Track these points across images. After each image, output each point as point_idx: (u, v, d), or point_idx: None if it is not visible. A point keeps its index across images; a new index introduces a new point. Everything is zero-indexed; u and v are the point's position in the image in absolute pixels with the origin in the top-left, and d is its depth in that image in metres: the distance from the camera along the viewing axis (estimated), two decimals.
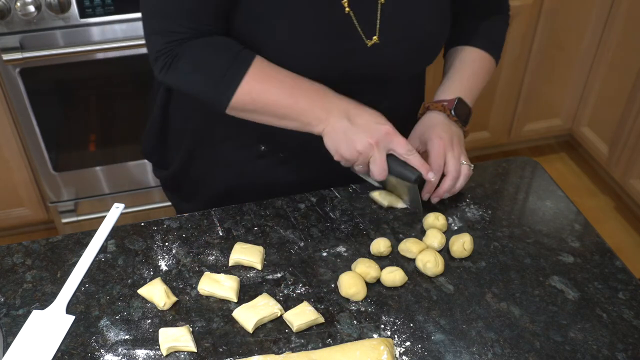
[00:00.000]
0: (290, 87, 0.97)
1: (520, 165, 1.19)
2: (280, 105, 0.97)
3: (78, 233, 1.03)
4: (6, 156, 2.03)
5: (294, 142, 1.07)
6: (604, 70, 2.44)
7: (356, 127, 0.95)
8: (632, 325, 0.88)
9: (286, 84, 0.97)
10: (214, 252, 0.99)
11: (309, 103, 0.97)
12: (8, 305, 0.91)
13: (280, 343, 0.85)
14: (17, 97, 1.87)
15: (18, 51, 1.73)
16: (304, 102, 0.97)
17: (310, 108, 0.97)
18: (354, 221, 1.04)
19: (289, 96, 0.96)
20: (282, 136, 1.03)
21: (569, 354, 0.84)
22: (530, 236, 1.02)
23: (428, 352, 0.84)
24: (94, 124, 2.07)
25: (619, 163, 2.40)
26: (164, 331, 0.85)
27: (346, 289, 0.91)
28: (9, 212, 2.19)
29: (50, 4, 1.70)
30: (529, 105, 2.54)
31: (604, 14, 2.34)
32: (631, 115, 2.29)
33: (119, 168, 2.12)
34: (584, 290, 0.93)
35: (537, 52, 2.38)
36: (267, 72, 0.97)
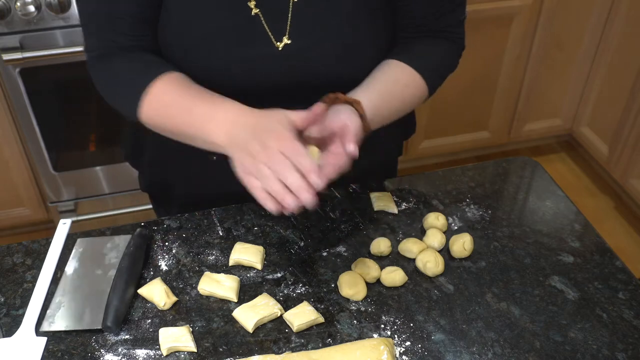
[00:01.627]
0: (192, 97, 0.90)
1: (520, 165, 1.19)
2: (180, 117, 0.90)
3: (78, 233, 1.03)
4: (6, 156, 2.03)
5: None
6: (604, 70, 2.44)
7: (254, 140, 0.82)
8: (632, 325, 0.88)
9: (189, 94, 0.90)
10: (214, 252, 0.99)
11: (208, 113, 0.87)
12: (8, 305, 0.91)
13: (280, 343, 0.85)
14: (17, 97, 1.87)
15: (18, 51, 1.74)
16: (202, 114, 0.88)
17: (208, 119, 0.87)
18: (354, 221, 1.04)
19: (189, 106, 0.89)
20: None
21: (569, 354, 0.84)
22: (530, 236, 1.02)
23: (428, 352, 0.84)
24: (94, 124, 2.07)
25: (619, 163, 2.40)
26: (164, 331, 0.85)
27: (346, 289, 0.91)
28: (9, 212, 2.19)
29: (50, 4, 1.70)
30: (529, 105, 2.54)
31: (604, 14, 2.34)
32: (631, 115, 2.29)
33: (119, 168, 2.12)
34: (584, 290, 0.93)
35: (537, 52, 2.38)
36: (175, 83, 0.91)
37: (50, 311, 0.90)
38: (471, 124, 2.53)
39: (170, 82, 0.92)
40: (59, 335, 0.87)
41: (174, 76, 0.93)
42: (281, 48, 0.94)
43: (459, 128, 2.50)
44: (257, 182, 0.80)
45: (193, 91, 0.91)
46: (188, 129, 0.90)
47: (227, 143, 0.85)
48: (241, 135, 0.83)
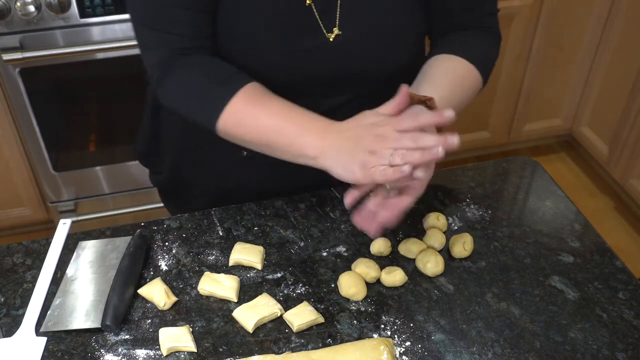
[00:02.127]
0: (280, 110, 0.90)
1: (520, 165, 1.19)
2: (267, 129, 0.90)
3: (78, 233, 1.03)
4: (6, 156, 2.03)
5: None
6: (604, 70, 2.44)
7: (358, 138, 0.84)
8: (632, 325, 0.88)
9: (275, 107, 0.91)
10: (214, 252, 0.99)
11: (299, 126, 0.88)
12: (8, 305, 0.91)
13: (280, 343, 0.85)
14: (17, 97, 1.87)
15: (18, 51, 1.74)
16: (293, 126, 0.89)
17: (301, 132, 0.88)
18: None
19: (278, 119, 0.90)
20: None
21: (569, 354, 0.84)
22: (530, 236, 1.02)
23: (428, 352, 0.84)
24: (94, 124, 2.07)
25: (619, 163, 2.40)
26: (164, 331, 0.85)
27: (346, 289, 0.91)
28: (9, 212, 2.19)
29: (50, 4, 1.70)
30: (529, 105, 2.54)
31: (604, 14, 2.34)
32: (631, 115, 2.29)
33: (119, 168, 2.12)
34: (584, 290, 0.93)
35: (537, 52, 2.38)
36: (258, 95, 0.91)
37: (50, 311, 0.90)
38: (471, 124, 2.53)
39: (250, 95, 0.91)
40: (59, 335, 0.87)
41: (254, 88, 0.92)
42: (332, 39, 0.95)
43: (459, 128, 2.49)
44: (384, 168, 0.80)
45: (277, 103, 0.91)
46: (276, 141, 0.90)
47: (324, 153, 0.86)
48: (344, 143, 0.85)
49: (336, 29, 0.95)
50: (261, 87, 0.93)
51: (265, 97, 0.92)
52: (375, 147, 0.82)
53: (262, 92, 0.93)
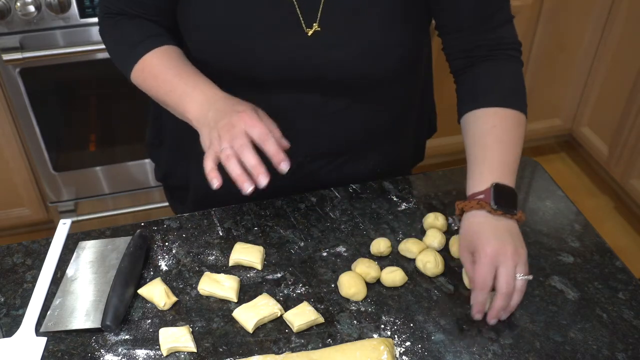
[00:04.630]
0: (177, 72, 0.96)
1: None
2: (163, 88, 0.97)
3: (78, 233, 1.03)
4: (6, 156, 2.03)
5: None
6: (604, 70, 2.44)
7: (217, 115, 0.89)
8: (632, 325, 0.88)
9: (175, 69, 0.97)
10: (214, 252, 0.99)
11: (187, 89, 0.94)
12: (8, 305, 0.91)
13: (280, 343, 0.85)
14: (17, 97, 1.87)
15: (18, 51, 1.73)
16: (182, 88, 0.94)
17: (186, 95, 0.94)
18: (354, 221, 1.04)
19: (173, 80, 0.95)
20: None
21: (569, 354, 0.84)
22: (530, 236, 1.02)
23: (428, 352, 0.84)
24: (94, 124, 2.07)
25: (619, 163, 2.40)
26: (164, 331, 0.85)
27: (346, 289, 0.91)
28: (9, 212, 2.19)
29: (50, 4, 1.70)
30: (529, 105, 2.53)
31: (604, 14, 2.34)
32: (631, 115, 2.29)
33: (119, 168, 2.12)
34: (584, 290, 0.93)
35: (537, 52, 2.38)
36: (167, 57, 0.98)
37: (50, 311, 0.90)
38: None
39: (162, 54, 0.99)
40: (59, 335, 0.87)
41: (168, 49, 0.99)
42: (310, 34, 0.95)
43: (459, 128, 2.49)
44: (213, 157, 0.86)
45: (179, 66, 0.97)
46: (168, 100, 0.97)
47: (198, 118, 0.91)
48: (211, 114, 0.90)
49: (316, 25, 0.94)
50: (175, 51, 1.00)
51: (172, 59, 0.98)
52: (222, 131, 0.86)
53: (172, 54, 0.99)
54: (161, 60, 0.98)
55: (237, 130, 0.85)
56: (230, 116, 0.87)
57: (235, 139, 0.85)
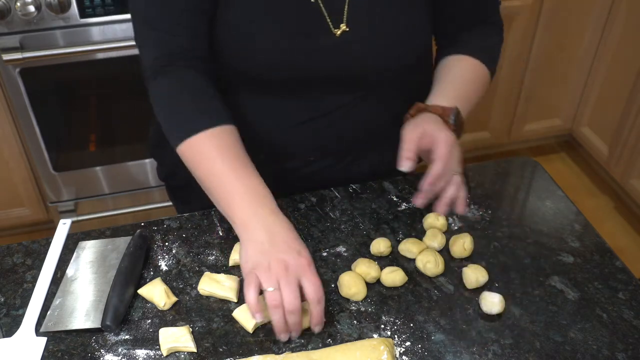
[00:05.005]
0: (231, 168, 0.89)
1: (520, 165, 1.19)
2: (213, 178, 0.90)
3: (78, 233, 1.03)
4: (6, 156, 2.03)
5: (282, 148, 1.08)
6: (604, 70, 2.44)
7: (275, 246, 0.84)
8: (632, 325, 0.88)
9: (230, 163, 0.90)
10: (214, 252, 0.99)
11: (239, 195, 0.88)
12: (8, 305, 0.91)
13: (280, 343, 0.85)
14: (17, 97, 1.87)
15: (18, 51, 1.74)
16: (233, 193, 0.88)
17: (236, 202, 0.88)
18: (354, 221, 1.04)
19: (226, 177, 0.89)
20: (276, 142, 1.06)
21: (569, 354, 0.84)
22: (530, 236, 1.02)
23: (428, 352, 0.84)
24: (94, 124, 2.07)
25: (619, 163, 2.40)
26: (164, 331, 0.85)
27: (346, 289, 0.91)
28: (9, 212, 2.19)
29: (50, 4, 1.70)
30: (529, 105, 2.54)
31: (604, 14, 2.34)
32: (631, 115, 2.29)
33: (119, 168, 2.12)
34: (584, 290, 0.93)
35: (537, 52, 2.38)
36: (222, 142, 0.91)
37: (50, 311, 0.90)
38: (471, 124, 2.52)
39: (217, 138, 0.91)
40: (59, 335, 0.87)
41: (224, 132, 0.92)
42: (339, 35, 0.96)
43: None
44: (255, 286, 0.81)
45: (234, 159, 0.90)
46: (213, 191, 0.91)
47: (243, 229, 0.87)
48: (259, 233, 0.85)
49: (343, 25, 0.95)
50: (232, 134, 0.93)
51: (228, 147, 0.91)
52: (274, 267, 0.81)
53: (228, 140, 0.92)
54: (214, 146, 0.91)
55: (291, 277, 0.81)
56: (289, 254, 0.83)
57: (288, 286, 0.81)
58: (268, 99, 1.03)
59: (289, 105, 1.03)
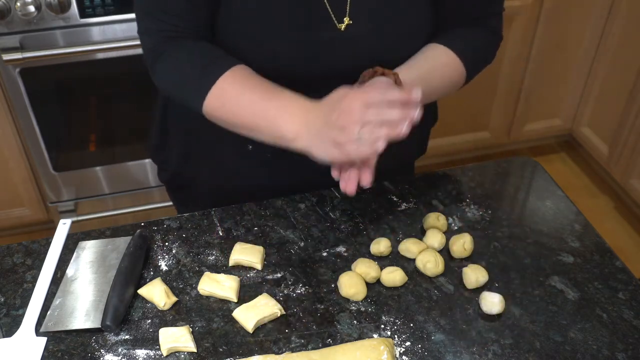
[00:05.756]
0: (260, 92, 0.91)
1: (520, 165, 1.19)
2: (248, 112, 0.91)
3: (78, 233, 1.03)
4: (6, 156, 2.03)
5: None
6: (604, 70, 2.44)
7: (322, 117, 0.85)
8: (632, 325, 0.88)
9: (257, 89, 0.91)
10: (214, 252, 0.99)
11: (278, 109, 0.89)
12: (8, 305, 0.91)
13: (280, 343, 0.85)
14: (17, 97, 1.87)
15: (18, 51, 1.73)
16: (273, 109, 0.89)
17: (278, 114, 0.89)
18: (354, 221, 1.04)
19: (258, 102, 0.90)
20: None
21: (569, 354, 0.84)
22: (530, 236, 1.02)
23: (428, 352, 0.84)
24: (94, 124, 2.07)
25: (619, 163, 2.40)
26: (164, 331, 0.85)
27: (346, 289, 0.91)
28: (9, 212, 2.19)
29: (50, 4, 1.70)
30: (529, 105, 2.54)
31: (604, 14, 2.34)
32: (631, 115, 2.29)
33: (119, 168, 2.12)
34: (584, 290, 0.93)
35: (537, 52, 2.38)
36: (242, 78, 0.92)
37: (50, 311, 0.90)
38: (471, 124, 2.53)
39: (236, 77, 0.92)
40: (59, 335, 0.87)
41: (240, 70, 0.93)
42: (343, 29, 0.95)
43: (459, 128, 2.50)
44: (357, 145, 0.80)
45: (261, 85, 0.92)
46: (257, 122, 0.91)
47: (301, 134, 0.86)
48: (315, 122, 0.85)
49: (347, 19, 0.95)
50: (246, 70, 0.94)
51: (249, 79, 0.92)
52: (343, 122, 0.81)
53: (246, 74, 0.93)
54: (238, 82, 0.92)
55: (358, 110, 0.80)
56: (337, 107, 0.82)
57: (367, 115, 0.79)
58: None
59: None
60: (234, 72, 0.92)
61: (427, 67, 1.00)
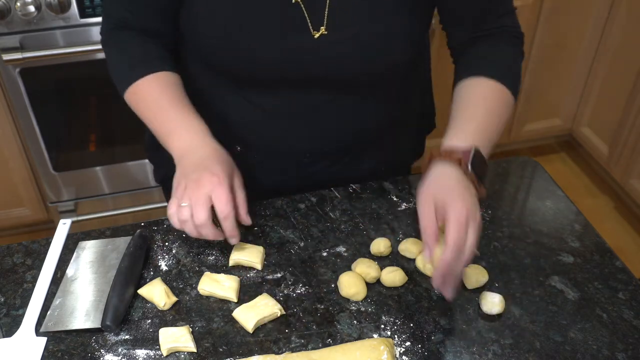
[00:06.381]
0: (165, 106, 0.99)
1: (520, 165, 1.19)
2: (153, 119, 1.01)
3: (78, 233, 1.03)
4: (6, 156, 2.03)
5: (262, 143, 1.08)
6: (604, 70, 2.44)
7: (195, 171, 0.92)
8: (632, 325, 0.88)
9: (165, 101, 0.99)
10: (214, 252, 0.99)
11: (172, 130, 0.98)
12: (8, 305, 0.91)
13: (280, 343, 0.85)
14: (17, 97, 1.87)
15: (18, 51, 1.74)
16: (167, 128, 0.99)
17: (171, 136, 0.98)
18: (354, 221, 1.04)
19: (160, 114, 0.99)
20: (253, 137, 1.07)
21: (569, 354, 0.84)
22: (530, 236, 1.02)
23: (428, 352, 0.84)
24: (94, 124, 2.07)
25: (619, 163, 2.40)
26: (164, 331, 0.85)
27: (346, 289, 0.91)
28: (9, 212, 2.19)
29: (50, 4, 1.70)
30: (529, 105, 2.54)
31: (604, 14, 2.34)
32: (631, 115, 2.30)
33: (119, 168, 2.12)
34: (584, 290, 0.93)
35: (537, 52, 2.38)
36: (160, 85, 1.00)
37: (50, 311, 0.90)
38: None
39: (156, 81, 1.00)
40: (59, 335, 0.87)
41: (165, 76, 1.01)
42: (317, 37, 0.95)
43: None
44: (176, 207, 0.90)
45: (171, 97, 0.99)
46: (155, 129, 1.01)
47: (178, 159, 0.96)
48: (189, 162, 0.94)
49: (323, 28, 0.95)
50: (172, 78, 1.01)
51: (167, 88, 1.00)
52: (189, 186, 0.90)
53: (168, 82, 1.01)
54: (156, 88, 1.00)
55: (201, 193, 0.88)
56: (202, 174, 0.90)
57: (197, 204, 0.88)
58: (247, 95, 1.04)
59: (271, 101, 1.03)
60: (158, 76, 1.00)
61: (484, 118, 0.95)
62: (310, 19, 0.94)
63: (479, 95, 0.97)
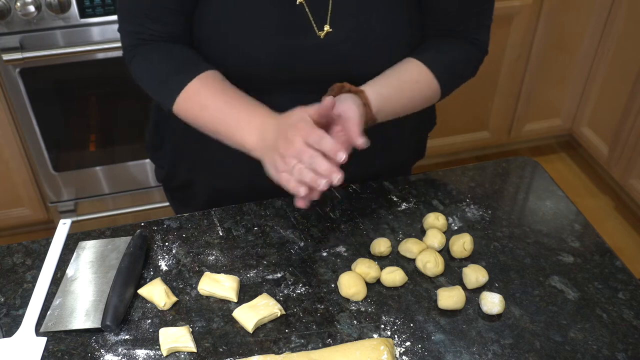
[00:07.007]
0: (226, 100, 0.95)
1: (520, 165, 1.19)
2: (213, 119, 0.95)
3: (78, 233, 1.03)
4: (6, 156, 2.03)
5: None
6: (604, 70, 2.44)
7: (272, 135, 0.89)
8: (632, 325, 0.88)
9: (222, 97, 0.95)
10: (214, 252, 0.99)
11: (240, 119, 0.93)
12: (8, 305, 0.91)
13: (280, 343, 0.85)
14: (17, 97, 1.87)
15: (18, 51, 1.73)
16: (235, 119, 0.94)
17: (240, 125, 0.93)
18: (354, 221, 1.04)
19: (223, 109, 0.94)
20: None
21: (569, 354, 0.84)
22: (530, 236, 1.02)
23: (428, 352, 0.84)
24: (94, 124, 2.07)
25: (619, 163, 2.40)
26: (164, 331, 0.85)
27: (346, 289, 0.91)
28: (9, 212, 2.19)
29: (50, 4, 1.70)
30: (529, 105, 2.54)
31: (604, 14, 2.34)
32: (631, 115, 2.29)
33: (119, 168, 2.12)
34: (584, 290, 0.93)
35: (537, 52, 2.38)
36: (210, 84, 0.96)
37: (50, 311, 0.90)
38: (471, 124, 2.53)
39: (206, 83, 0.96)
40: (59, 335, 0.87)
41: (210, 76, 0.97)
42: (323, 36, 0.96)
43: (459, 128, 2.50)
44: (289, 177, 0.85)
45: (228, 93, 0.96)
46: (221, 130, 0.95)
47: (258, 147, 0.91)
48: (270, 137, 0.89)
49: (327, 27, 0.96)
50: (217, 75, 0.97)
51: (217, 86, 0.96)
52: (284, 151, 0.85)
53: (216, 80, 0.97)
54: (207, 88, 0.96)
55: (298, 145, 0.84)
56: (285, 133, 0.86)
57: (302, 154, 0.84)
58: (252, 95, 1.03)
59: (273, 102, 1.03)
60: (204, 76, 0.96)
61: (397, 83, 1.00)
62: (314, 19, 0.95)
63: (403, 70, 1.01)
